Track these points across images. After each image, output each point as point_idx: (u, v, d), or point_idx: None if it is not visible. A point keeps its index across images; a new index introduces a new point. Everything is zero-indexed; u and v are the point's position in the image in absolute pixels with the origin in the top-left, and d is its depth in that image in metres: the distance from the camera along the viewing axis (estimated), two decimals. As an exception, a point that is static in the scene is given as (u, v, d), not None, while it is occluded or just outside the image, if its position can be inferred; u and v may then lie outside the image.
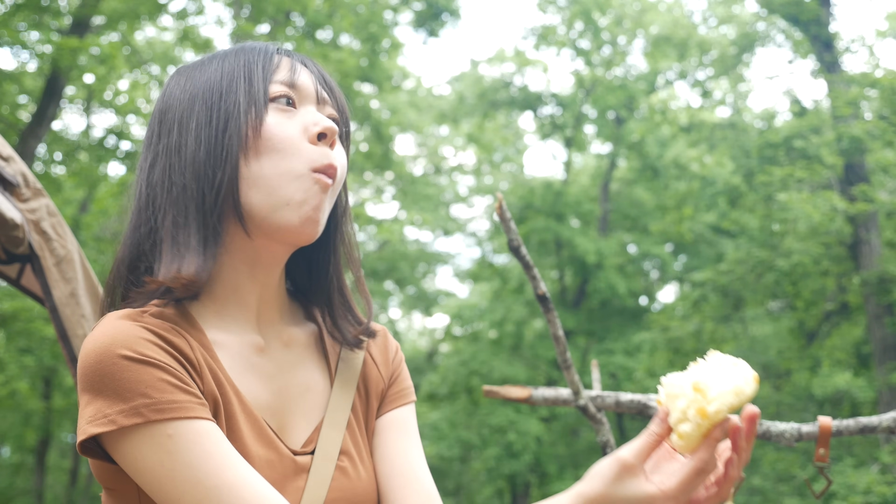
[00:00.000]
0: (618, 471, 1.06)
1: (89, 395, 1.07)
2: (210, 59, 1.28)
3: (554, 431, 17.28)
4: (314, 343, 1.32)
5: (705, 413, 1.03)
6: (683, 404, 1.05)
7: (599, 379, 2.23)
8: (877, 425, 1.86)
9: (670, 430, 1.07)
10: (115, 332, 1.09)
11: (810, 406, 13.43)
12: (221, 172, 1.17)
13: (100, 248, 12.17)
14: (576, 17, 18.35)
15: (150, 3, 11.04)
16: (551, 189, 18.48)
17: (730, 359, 1.08)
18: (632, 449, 1.07)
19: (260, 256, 1.23)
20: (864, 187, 11.49)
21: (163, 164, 1.20)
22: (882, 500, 9.48)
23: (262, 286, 1.25)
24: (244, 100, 1.19)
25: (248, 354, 1.22)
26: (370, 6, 13.69)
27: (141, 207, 1.21)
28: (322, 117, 1.23)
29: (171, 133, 1.21)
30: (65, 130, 13.95)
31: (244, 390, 1.19)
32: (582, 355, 17.10)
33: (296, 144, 1.19)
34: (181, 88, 1.24)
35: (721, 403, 1.03)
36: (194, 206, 1.17)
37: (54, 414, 15.20)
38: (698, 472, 1.05)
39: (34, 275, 2.31)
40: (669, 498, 1.05)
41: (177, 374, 1.09)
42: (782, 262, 12.88)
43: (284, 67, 1.25)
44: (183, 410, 1.06)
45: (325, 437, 1.24)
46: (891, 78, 11.53)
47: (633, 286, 18.19)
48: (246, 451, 1.13)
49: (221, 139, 1.18)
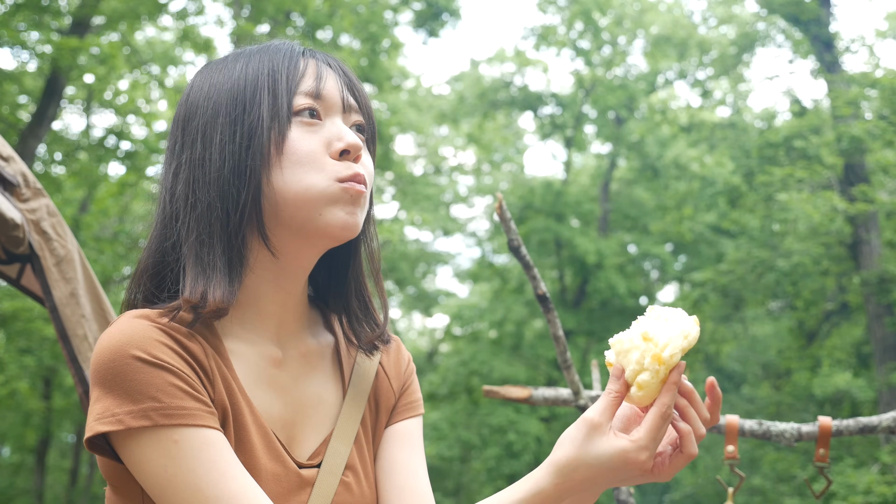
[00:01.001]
0: (586, 431, 1.08)
1: (100, 391, 1.08)
2: (234, 59, 1.25)
3: (554, 431, 17.28)
4: (330, 354, 1.32)
5: (661, 359, 1.07)
6: (637, 356, 1.08)
7: (599, 379, 2.23)
8: (877, 425, 1.86)
9: (628, 386, 1.10)
10: (131, 332, 1.09)
11: (810, 406, 13.43)
12: (246, 191, 1.17)
13: (100, 248, 12.17)
14: (576, 17, 18.35)
15: (150, 3, 11.03)
16: (551, 189, 18.48)
17: (667, 309, 1.13)
18: (596, 409, 1.09)
19: (284, 269, 1.23)
20: (864, 187, 11.49)
21: (186, 176, 1.20)
22: (882, 500, 9.48)
23: (286, 295, 1.25)
24: (268, 115, 1.18)
25: (265, 366, 1.22)
26: (370, 6, 13.68)
27: (165, 219, 1.21)
28: (346, 132, 1.22)
29: (194, 145, 1.20)
30: (65, 130, 13.95)
31: (257, 402, 1.19)
32: (582, 355, 17.11)
33: (318, 160, 1.19)
34: (204, 95, 1.22)
35: (673, 347, 1.07)
36: (219, 225, 1.17)
37: (54, 414, 15.19)
38: (663, 416, 1.08)
39: (34, 275, 2.30)
40: (641, 447, 1.07)
41: (188, 379, 1.09)
42: (782, 262, 12.88)
43: (310, 75, 1.23)
44: (191, 417, 1.07)
45: (333, 450, 1.24)
46: (891, 78, 11.53)
47: (633, 286, 18.19)
48: (254, 463, 1.14)
49: (245, 157, 1.17)
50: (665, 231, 17.06)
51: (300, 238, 1.20)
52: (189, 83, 1.28)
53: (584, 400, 2.05)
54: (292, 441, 1.22)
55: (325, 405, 1.27)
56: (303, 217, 1.18)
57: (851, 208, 11.44)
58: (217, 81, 1.23)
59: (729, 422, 1.94)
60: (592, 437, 1.08)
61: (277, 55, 1.23)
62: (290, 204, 1.17)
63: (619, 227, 19.74)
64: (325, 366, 1.30)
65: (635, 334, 1.10)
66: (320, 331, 1.32)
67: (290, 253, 1.22)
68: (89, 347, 2.31)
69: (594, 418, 1.08)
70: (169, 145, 1.25)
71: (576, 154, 21.32)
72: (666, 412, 1.08)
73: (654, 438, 1.08)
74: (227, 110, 1.19)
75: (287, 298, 1.25)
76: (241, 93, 1.20)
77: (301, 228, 1.19)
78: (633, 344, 1.09)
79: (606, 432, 1.08)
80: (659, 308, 1.13)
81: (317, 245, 1.22)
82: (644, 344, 1.08)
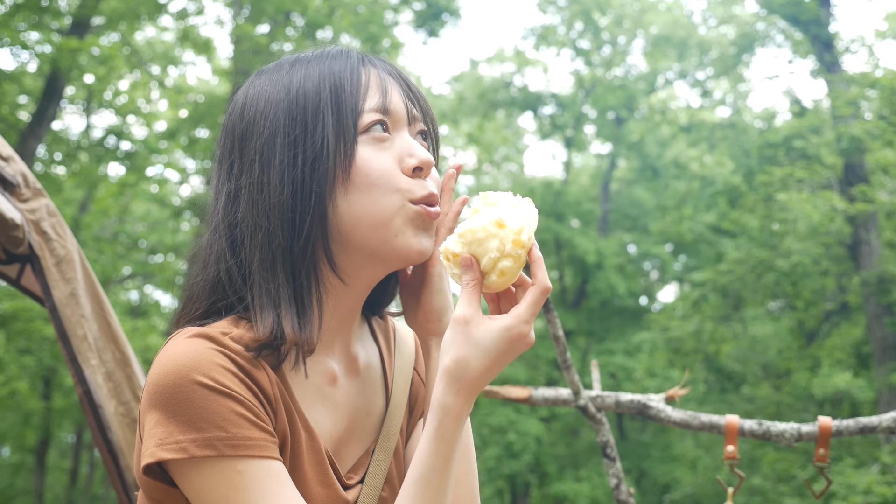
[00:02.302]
0: (461, 328, 1.06)
1: (160, 416, 1.05)
2: (290, 68, 1.19)
3: (554, 431, 17.29)
4: (377, 365, 1.30)
5: (521, 243, 1.07)
6: (497, 244, 1.07)
7: (599, 379, 2.23)
8: (877, 425, 1.86)
9: (482, 274, 1.08)
10: (195, 355, 1.06)
11: (810, 406, 13.43)
12: (310, 217, 1.12)
13: (100, 248, 12.19)
14: (576, 17, 18.36)
15: (150, 3, 11.03)
16: (551, 189, 18.48)
17: (499, 194, 1.12)
18: (461, 305, 1.07)
19: (350, 289, 1.20)
20: (863, 187, 11.48)
21: (246, 200, 1.14)
22: (882, 500, 9.48)
23: (347, 311, 1.22)
24: (332, 135, 1.13)
25: (321, 384, 1.19)
26: (370, 6, 13.68)
27: (223, 242, 1.15)
28: (417, 147, 1.18)
29: (252, 167, 1.15)
30: (65, 130, 13.96)
31: (313, 422, 1.17)
32: (582, 355, 17.10)
33: (393, 179, 1.14)
34: (261, 111, 1.16)
35: (528, 230, 1.08)
36: (281, 253, 1.12)
37: (54, 414, 15.20)
38: (544, 291, 1.08)
39: (34, 275, 2.30)
40: (523, 321, 1.06)
41: (253, 408, 1.06)
42: (782, 262, 12.87)
43: (374, 88, 1.17)
44: (257, 449, 1.05)
45: (375, 466, 1.23)
46: (890, 78, 11.53)
47: (633, 286, 18.19)
48: (306, 490, 1.13)
49: (309, 181, 1.12)
50: (665, 231, 17.06)
51: (373, 261, 1.17)
52: (241, 93, 1.21)
53: (584, 400, 2.05)
54: (338, 455, 1.21)
55: (372, 418, 1.26)
56: (379, 240, 1.14)
57: (851, 208, 11.43)
58: (273, 96, 1.16)
59: (729, 422, 1.94)
60: (469, 330, 1.05)
61: (336, 65, 1.18)
62: (365, 227, 1.13)
63: (618, 227, 19.75)
64: (374, 378, 1.28)
65: (487, 222, 1.08)
66: (368, 342, 1.31)
67: (360, 275, 1.18)
68: (89, 347, 2.31)
69: (464, 313, 1.06)
70: (223, 164, 1.19)
71: (576, 154, 21.33)
72: (546, 287, 1.07)
73: (533, 313, 1.07)
74: (287, 130, 1.13)
75: (347, 314, 1.22)
76: (302, 111, 1.14)
77: (375, 252, 1.15)
78: (489, 232, 1.07)
79: (481, 321, 1.06)
80: (493, 194, 1.11)
81: (391, 267, 1.19)
82: (501, 231, 1.07)
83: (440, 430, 1.06)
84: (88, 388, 2.26)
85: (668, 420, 2.01)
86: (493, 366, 1.06)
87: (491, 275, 1.08)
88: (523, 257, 1.08)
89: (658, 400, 2.06)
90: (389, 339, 1.35)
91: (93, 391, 2.26)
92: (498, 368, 1.07)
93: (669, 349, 14.77)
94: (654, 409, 2.04)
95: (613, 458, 1.97)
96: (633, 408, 2.08)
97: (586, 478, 15.67)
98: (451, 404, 1.06)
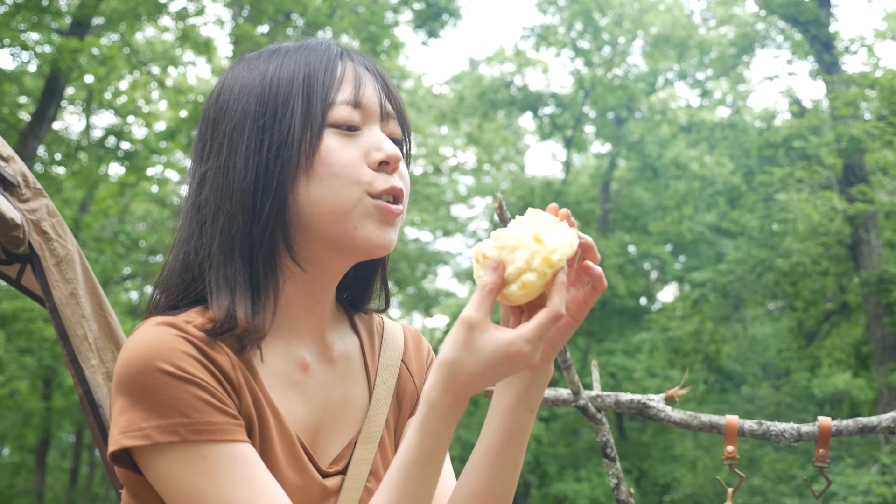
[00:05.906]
0: (466, 331, 1.03)
1: (124, 403, 1.05)
2: (269, 56, 1.20)
3: (554, 431, 17.29)
4: (357, 356, 1.29)
5: (550, 262, 1.05)
6: (527, 255, 1.06)
7: (599, 379, 2.23)
8: (877, 425, 1.86)
9: (504, 282, 1.06)
10: (158, 343, 1.06)
11: (810, 406, 13.44)
12: (270, 204, 1.12)
13: (100, 248, 12.18)
14: (576, 18, 18.36)
15: (150, 3, 11.03)
16: (551, 189, 18.49)
17: (548, 215, 1.11)
18: (471, 306, 1.05)
19: (314, 279, 1.20)
20: (863, 187, 11.49)
21: (211, 183, 1.16)
22: (882, 500, 9.49)
23: (315, 302, 1.22)
24: (299, 123, 1.13)
25: (292, 372, 1.19)
26: (370, 6, 13.69)
27: (192, 225, 1.17)
28: (385, 141, 1.17)
29: (220, 150, 1.16)
30: (65, 130, 13.97)
31: (283, 409, 1.16)
32: (582, 355, 17.11)
33: (354, 171, 1.14)
34: (234, 96, 1.17)
35: (562, 252, 1.06)
36: (240, 237, 1.13)
37: (54, 414, 15.21)
38: (555, 317, 1.04)
39: (34, 275, 2.30)
40: (527, 340, 1.03)
41: (216, 393, 1.07)
42: (782, 262, 12.89)
43: (348, 81, 1.18)
44: (220, 433, 1.05)
45: (358, 456, 1.22)
46: (890, 78, 11.53)
47: (633, 286, 18.19)
48: (278, 474, 1.12)
49: (272, 168, 1.13)
50: (665, 231, 17.07)
51: (333, 251, 1.17)
52: (220, 80, 1.22)
53: (584, 400, 2.05)
54: (316, 446, 1.20)
55: (352, 408, 1.25)
56: (338, 231, 1.14)
57: (851, 208, 11.44)
58: (248, 82, 1.17)
59: (728, 422, 1.94)
60: (473, 335, 1.03)
61: (313, 56, 1.18)
62: (325, 217, 1.13)
63: (618, 227, 19.75)
64: (352, 368, 1.28)
65: (526, 234, 1.07)
66: (346, 333, 1.30)
67: (322, 264, 1.18)
68: (89, 348, 2.31)
69: (471, 316, 1.03)
70: (197, 147, 1.21)
71: (576, 154, 21.34)
72: (558, 313, 1.04)
73: (540, 336, 1.03)
74: (256, 115, 1.14)
75: (316, 305, 1.22)
76: (273, 98, 1.15)
77: (335, 242, 1.15)
78: (523, 243, 1.06)
79: (487, 328, 1.03)
80: (540, 213, 1.10)
81: (351, 258, 1.19)
82: (535, 245, 1.06)
83: (424, 424, 1.05)
84: (89, 388, 2.26)
85: (668, 420, 2.01)
86: (487, 375, 1.04)
87: (512, 284, 1.07)
88: (549, 276, 1.06)
89: (658, 400, 2.06)
90: (373, 332, 1.34)
91: (93, 391, 2.26)
92: (491, 378, 1.05)
93: (669, 349, 14.77)
94: (654, 409, 2.04)
95: (613, 458, 1.97)
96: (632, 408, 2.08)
97: (586, 478, 15.68)
98: (438, 401, 1.05)
